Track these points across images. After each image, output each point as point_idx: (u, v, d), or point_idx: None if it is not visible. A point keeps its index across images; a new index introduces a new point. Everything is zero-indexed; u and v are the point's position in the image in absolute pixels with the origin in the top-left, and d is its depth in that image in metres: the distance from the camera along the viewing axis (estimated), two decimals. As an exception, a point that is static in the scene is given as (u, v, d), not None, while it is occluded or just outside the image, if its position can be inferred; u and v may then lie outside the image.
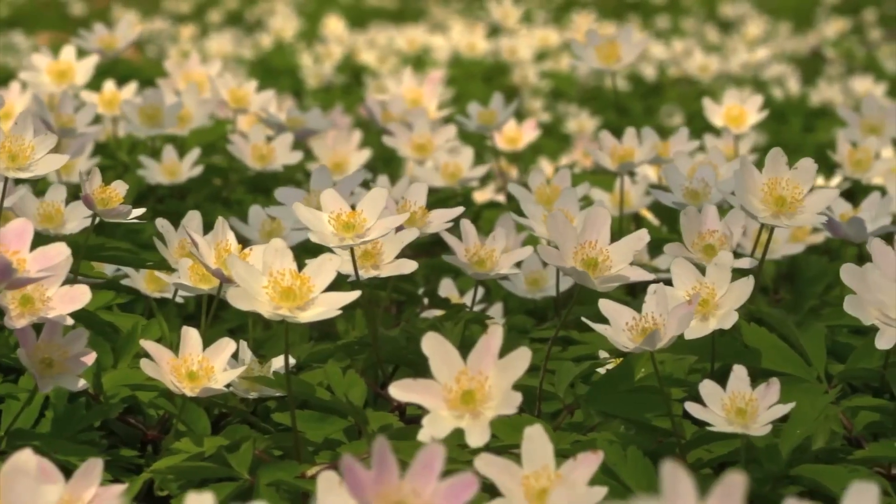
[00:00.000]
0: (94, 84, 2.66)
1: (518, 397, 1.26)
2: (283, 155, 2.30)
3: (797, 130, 4.29)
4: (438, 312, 1.94)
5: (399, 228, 1.64)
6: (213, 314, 1.67)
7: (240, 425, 1.57)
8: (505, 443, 1.47)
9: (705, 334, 1.54)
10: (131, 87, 2.57)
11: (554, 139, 4.11)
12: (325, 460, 1.53)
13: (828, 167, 2.75)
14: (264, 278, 1.37)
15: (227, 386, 1.58)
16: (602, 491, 1.22)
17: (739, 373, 1.44)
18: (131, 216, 1.65)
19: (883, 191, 2.27)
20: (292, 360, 1.70)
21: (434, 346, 1.28)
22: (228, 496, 1.43)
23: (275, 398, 1.65)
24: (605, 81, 4.83)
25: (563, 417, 1.61)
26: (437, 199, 2.56)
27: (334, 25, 5.83)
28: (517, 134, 2.74)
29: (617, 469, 1.46)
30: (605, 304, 1.48)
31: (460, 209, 1.71)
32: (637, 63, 5.09)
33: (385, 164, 3.20)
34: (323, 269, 1.39)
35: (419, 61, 5.00)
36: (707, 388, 1.43)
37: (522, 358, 1.26)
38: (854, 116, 2.54)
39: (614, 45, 2.38)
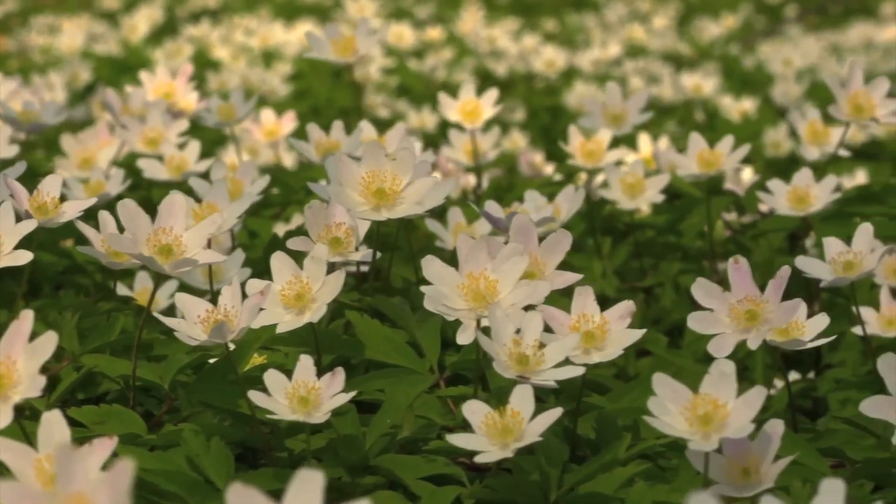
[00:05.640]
0: None
1: (42, 381, 1.26)
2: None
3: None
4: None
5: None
6: None
7: None
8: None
9: (299, 326, 1.54)
10: None
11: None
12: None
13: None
14: None
15: None
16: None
17: (305, 362, 1.44)
18: None
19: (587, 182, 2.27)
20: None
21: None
22: None
23: None
24: (452, 78, 4.83)
25: (164, 408, 1.61)
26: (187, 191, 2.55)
27: (245, 24, 5.82)
28: (276, 127, 2.74)
29: (199, 460, 1.46)
30: (181, 298, 1.48)
31: (93, 200, 1.71)
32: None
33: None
34: None
35: (269, 57, 4.99)
36: (271, 377, 1.43)
37: (48, 342, 1.26)
38: (597, 106, 2.53)
39: (350, 39, 2.38)
